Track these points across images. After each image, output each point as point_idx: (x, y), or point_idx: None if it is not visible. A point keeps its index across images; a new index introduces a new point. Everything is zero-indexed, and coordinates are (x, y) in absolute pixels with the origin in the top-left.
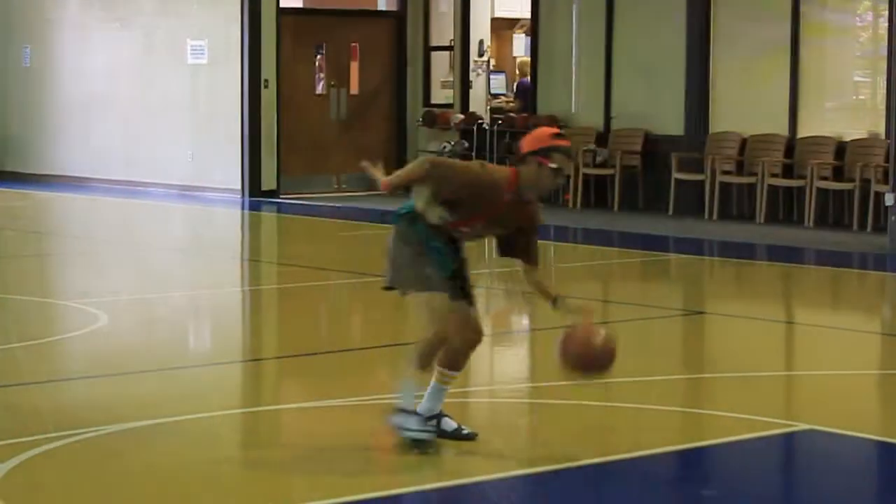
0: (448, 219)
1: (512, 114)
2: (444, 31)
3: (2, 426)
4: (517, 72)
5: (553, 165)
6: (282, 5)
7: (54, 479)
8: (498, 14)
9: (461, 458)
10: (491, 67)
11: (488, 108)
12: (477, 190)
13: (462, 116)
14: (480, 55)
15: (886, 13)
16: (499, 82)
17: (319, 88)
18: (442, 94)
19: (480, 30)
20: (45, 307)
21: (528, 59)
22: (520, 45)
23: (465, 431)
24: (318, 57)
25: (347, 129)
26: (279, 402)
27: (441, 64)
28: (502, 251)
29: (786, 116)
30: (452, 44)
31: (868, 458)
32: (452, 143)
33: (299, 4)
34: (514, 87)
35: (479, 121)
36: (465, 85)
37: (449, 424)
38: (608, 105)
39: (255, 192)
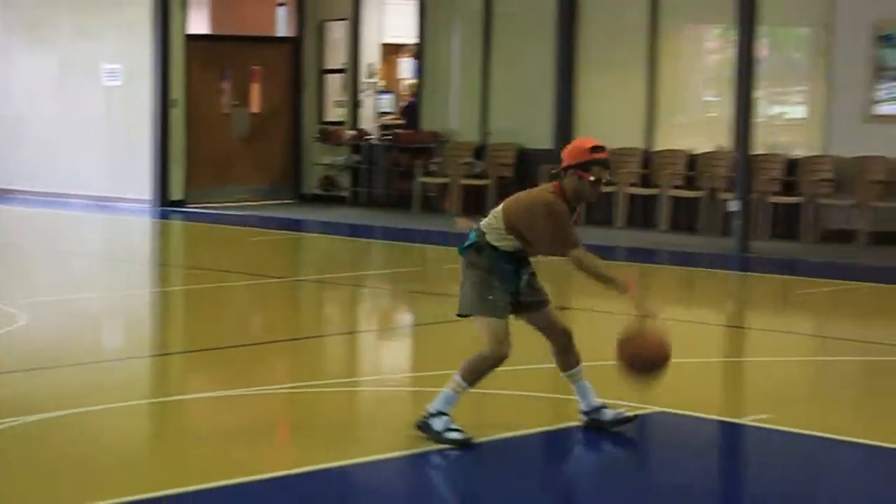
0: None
1: (398, 130)
2: (337, 55)
3: None
4: (406, 92)
5: (592, 178)
6: (189, 32)
7: None
8: (386, 40)
9: (343, 443)
10: (379, 88)
11: (377, 125)
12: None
13: (353, 133)
14: (370, 77)
15: (734, 39)
16: (386, 102)
17: (224, 107)
18: (335, 113)
19: (370, 54)
20: None
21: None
22: (406, 68)
23: (625, 414)
24: (223, 79)
25: (249, 144)
26: (186, 392)
27: (334, 85)
28: None
29: (642, 132)
30: (345, 67)
31: (712, 436)
32: (344, 157)
33: (206, 31)
34: (406, 105)
35: (368, 136)
36: (356, 104)
37: (607, 414)
38: (485, 122)
39: (165, 202)
